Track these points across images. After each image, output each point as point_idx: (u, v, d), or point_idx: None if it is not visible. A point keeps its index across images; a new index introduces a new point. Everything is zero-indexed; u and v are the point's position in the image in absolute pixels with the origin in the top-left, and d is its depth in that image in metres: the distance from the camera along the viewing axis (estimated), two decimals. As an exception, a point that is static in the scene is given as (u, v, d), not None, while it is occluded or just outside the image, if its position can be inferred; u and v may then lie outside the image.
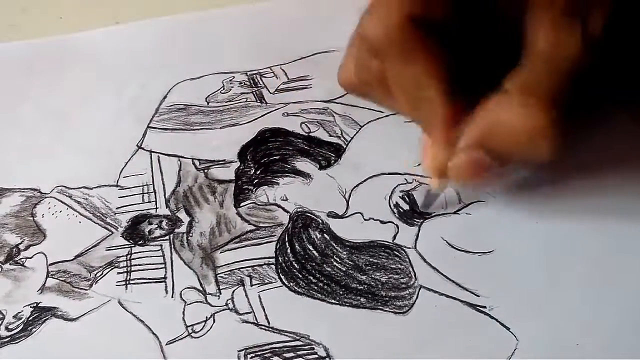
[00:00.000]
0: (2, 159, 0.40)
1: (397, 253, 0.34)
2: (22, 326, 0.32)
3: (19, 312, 0.32)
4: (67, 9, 0.50)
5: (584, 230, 0.34)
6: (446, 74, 0.31)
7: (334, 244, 0.34)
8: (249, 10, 0.47)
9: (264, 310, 0.32)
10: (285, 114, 0.41)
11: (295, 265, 0.34)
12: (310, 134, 0.39)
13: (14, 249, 0.35)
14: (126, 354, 0.31)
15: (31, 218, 0.36)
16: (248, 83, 0.43)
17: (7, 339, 0.31)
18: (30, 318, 0.32)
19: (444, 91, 0.31)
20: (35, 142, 0.40)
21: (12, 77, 0.45)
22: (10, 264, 0.34)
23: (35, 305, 0.32)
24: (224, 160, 0.38)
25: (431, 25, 0.31)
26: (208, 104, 0.42)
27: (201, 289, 0.33)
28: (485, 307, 0.31)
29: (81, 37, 0.47)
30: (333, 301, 0.32)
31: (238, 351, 0.31)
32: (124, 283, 0.33)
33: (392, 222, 0.35)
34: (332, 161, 0.38)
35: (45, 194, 0.37)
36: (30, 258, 0.34)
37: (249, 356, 0.30)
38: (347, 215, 0.36)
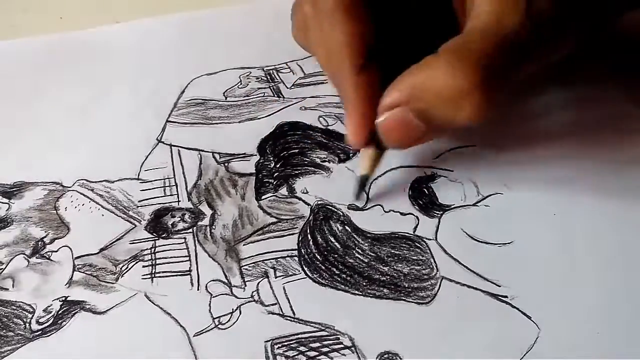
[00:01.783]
0: (23, 153, 0.40)
1: (418, 244, 0.34)
2: (52, 320, 0.32)
3: (49, 306, 0.32)
4: (68, 9, 0.50)
5: (602, 220, 0.35)
6: (363, 46, 0.32)
7: (355, 236, 0.35)
8: (264, 7, 0.48)
9: (289, 301, 0.32)
10: (303, 108, 0.41)
11: (318, 257, 0.34)
12: (329, 127, 0.40)
13: (40, 242, 0.35)
14: (155, 346, 0.31)
15: (54, 211, 0.36)
16: (265, 78, 0.43)
17: (38, 332, 0.32)
18: (60, 312, 0.32)
19: (355, 63, 0.32)
20: (54, 137, 0.40)
21: (29, 74, 0.45)
22: (37, 258, 0.34)
23: (64, 299, 0.33)
24: (244, 153, 0.39)
25: None
26: (226, 98, 0.42)
27: (226, 281, 0.33)
28: (506, 296, 0.32)
29: (98, 31, 0.48)
30: (356, 292, 0.33)
31: (265, 342, 0.31)
32: (149, 276, 0.34)
33: (412, 214, 0.36)
34: (351, 154, 0.38)
35: (67, 187, 0.38)
36: (56, 251, 0.35)
37: (275, 347, 0.31)
38: (367, 207, 0.36)
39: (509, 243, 0.34)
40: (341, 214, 0.36)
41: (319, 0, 0.33)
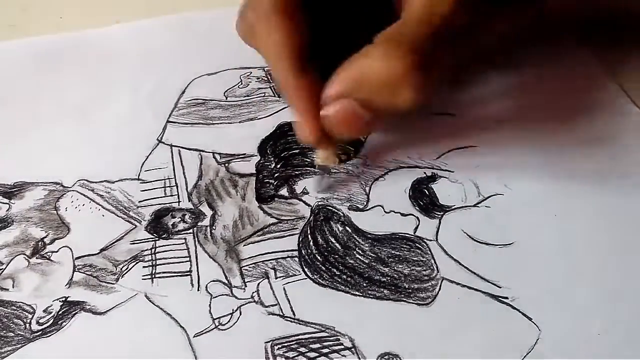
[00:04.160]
0: (23, 153, 0.40)
1: (418, 245, 0.34)
2: (52, 320, 0.32)
3: (49, 307, 0.32)
4: (68, 9, 0.50)
5: (602, 220, 0.35)
6: (301, 49, 0.33)
7: (355, 237, 0.35)
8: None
9: (289, 302, 0.32)
10: (304, 108, 0.41)
11: (318, 257, 0.34)
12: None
13: (40, 243, 0.35)
14: (155, 347, 0.31)
15: (55, 212, 0.36)
16: (265, 78, 0.43)
17: (39, 333, 0.32)
18: (60, 312, 0.32)
19: (295, 66, 0.33)
20: (54, 137, 0.40)
21: (28, 74, 0.45)
22: (37, 258, 0.34)
23: (64, 299, 0.33)
24: (244, 154, 0.39)
25: None
26: (226, 98, 0.42)
27: (226, 281, 0.33)
28: (507, 298, 0.32)
29: (98, 31, 0.48)
30: (357, 293, 0.33)
31: (265, 343, 0.31)
32: (149, 277, 0.34)
33: (413, 215, 0.36)
34: (352, 155, 0.38)
35: (68, 187, 0.38)
36: (56, 252, 0.35)
37: (275, 347, 0.31)
38: (368, 208, 0.36)
39: (509, 244, 0.34)
40: (342, 214, 0.36)
41: (257, 6, 0.34)
